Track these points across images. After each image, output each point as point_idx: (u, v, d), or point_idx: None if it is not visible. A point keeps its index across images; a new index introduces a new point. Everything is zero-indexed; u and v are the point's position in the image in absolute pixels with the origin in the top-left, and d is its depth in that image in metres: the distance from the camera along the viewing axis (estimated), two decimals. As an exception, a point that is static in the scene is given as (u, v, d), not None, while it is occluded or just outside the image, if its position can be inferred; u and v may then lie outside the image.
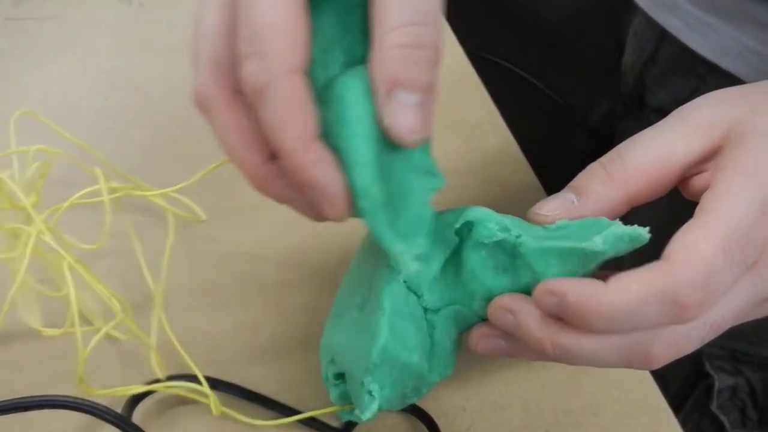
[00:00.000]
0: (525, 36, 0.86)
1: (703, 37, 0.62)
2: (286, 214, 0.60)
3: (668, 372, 0.72)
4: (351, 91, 0.38)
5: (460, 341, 0.44)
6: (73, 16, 0.73)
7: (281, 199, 0.41)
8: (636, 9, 0.70)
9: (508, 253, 0.41)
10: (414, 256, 0.39)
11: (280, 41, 0.36)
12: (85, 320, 0.52)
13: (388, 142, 0.38)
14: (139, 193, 0.52)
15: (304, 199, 0.40)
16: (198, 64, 0.39)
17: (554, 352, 0.39)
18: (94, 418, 0.45)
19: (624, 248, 0.38)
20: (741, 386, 0.71)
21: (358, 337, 0.43)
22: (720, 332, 0.39)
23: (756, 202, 0.37)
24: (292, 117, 0.36)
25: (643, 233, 0.38)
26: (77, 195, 0.51)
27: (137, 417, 0.48)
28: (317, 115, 0.37)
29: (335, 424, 0.50)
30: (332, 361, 0.47)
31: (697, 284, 0.35)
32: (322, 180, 0.37)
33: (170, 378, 0.49)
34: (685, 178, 0.41)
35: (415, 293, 0.43)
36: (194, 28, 0.39)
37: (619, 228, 0.38)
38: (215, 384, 0.49)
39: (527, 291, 0.40)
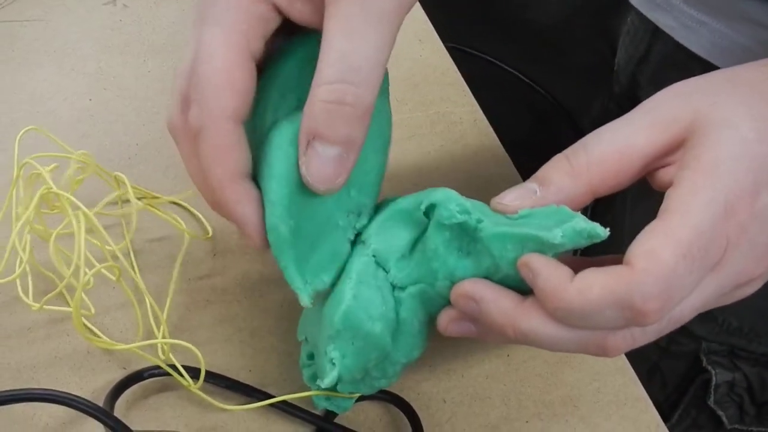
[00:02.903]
0: (515, 37, 0.86)
1: (696, 35, 0.62)
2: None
3: (666, 367, 0.73)
4: (279, 136, 0.41)
5: (431, 326, 0.44)
6: (58, 18, 0.73)
7: (231, 221, 0.44)
8: (628, 8, 0.70)
9: (470, 237, 0.41)
10: (310, 294, 0.43)
11: (214, 91, 0.40)
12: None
13: None
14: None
15: None
16: (172, 97, 0.43)
17: (516, 338, 0.40)
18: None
19: (582, 243, 0.39)
20: (738, 381, 0.71)
21: (327, 311, 0.44)
22: (678, 326, 0.40)
23: (719, 202, 0.37)
24: (218, 159, 0.40)
25: (601, 232, 0.38)
26: (103, 202, 0.55)
27: (119, 407, 0.48)
28: (249, 157, 0.41)
29: (319, 413, 0.50)
30: (306, 340, 0.47)
31: (657, 293, 0.36)
32: (238, 216, 0.41)
33: (153, 368, 0.49)
34: (651, 170, 0.41)
35: (384, 268, 0.44)
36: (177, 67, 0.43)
37: (579, 223, 0.38)
38: (197, 374, 0.49)
39: (488, 275, 0.41)
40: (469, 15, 0.85)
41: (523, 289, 0.40)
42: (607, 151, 0.41)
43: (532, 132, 0.86)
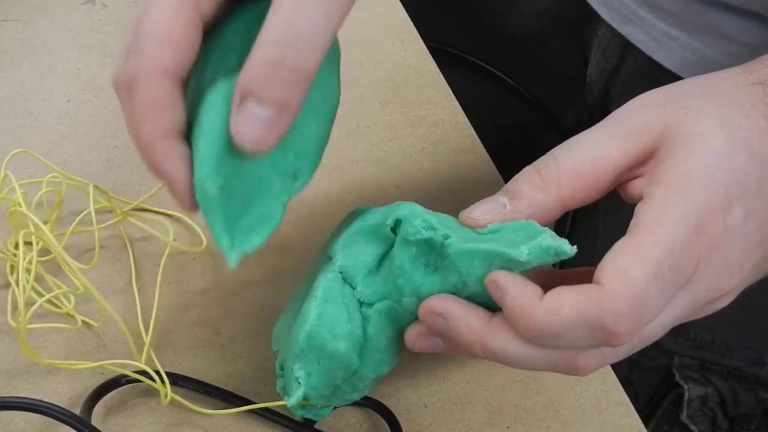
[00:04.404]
0: (491, 45, 0.86)
1: (667, 49, 0.62)
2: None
3: (638, 382, 0.73)
4: (214, 93, 0.40)
5: (400, 341, 0.44)
6: (37, 18, 0.73)
7: (161, 180, 0.42)
8: (600, 21, 0.70)
9: (437, 253, 0.41)
10: (239, 254, 0.41)
11: (153, 43, 0.38)
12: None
13: None
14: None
15: None
16: (118, 51, 0.41)
17: (485, 355, 0.39)
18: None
19: (549, 260, 0.38)
20: (711, 396, 0.71)
21: (295, 327, 0.44)
22: (649, 343, 0.40)
23: (690, 218, 0.37)
24: (149, 114, 0.39)
25: (568, 249, 0.38)
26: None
27: (97, 413, 0.48)
28: (183, 115, 0.40)
29: (298, 419, 0.50)
30: (278, 351, 0.47)
31: (628, 314, 0.36)
32: (166, 174, 0.40)
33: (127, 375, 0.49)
34: (621, 182, 0.41)
35: (350, 285, 0.43)
36: None
37: (546, 240, 0.38)
38: (175, 379, 0.49)
39: (455, 291, 0.41)
40: (450, 17, 0.85)
41: (491, 305, 0.40)
42: (579, 164, 0.40)
43: (513, 134, 0.86)
